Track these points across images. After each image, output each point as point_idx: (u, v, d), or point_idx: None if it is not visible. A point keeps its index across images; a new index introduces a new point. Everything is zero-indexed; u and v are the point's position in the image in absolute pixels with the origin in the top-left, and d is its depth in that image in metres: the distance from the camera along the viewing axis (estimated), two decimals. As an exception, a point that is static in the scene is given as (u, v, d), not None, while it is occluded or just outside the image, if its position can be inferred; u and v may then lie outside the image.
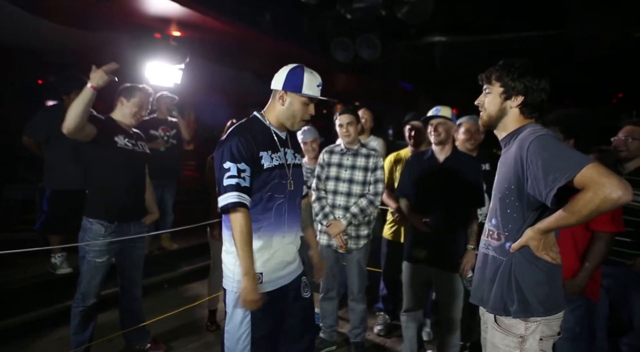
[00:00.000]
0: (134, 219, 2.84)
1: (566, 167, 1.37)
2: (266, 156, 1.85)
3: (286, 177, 1.91)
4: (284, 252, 1.92)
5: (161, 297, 4.15)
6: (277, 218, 1.88)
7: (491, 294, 1.61)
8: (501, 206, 1.61)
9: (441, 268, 2.70)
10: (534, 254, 1.52)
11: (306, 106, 1.91)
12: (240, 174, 1.75)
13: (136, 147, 2.83)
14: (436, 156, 2.76)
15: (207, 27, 5.00)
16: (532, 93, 1.59)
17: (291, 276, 1.98)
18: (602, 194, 1.30)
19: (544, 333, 1.53)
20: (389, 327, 3.63)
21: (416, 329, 2.90)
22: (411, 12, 4.71)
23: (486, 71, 1.69)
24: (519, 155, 1.52)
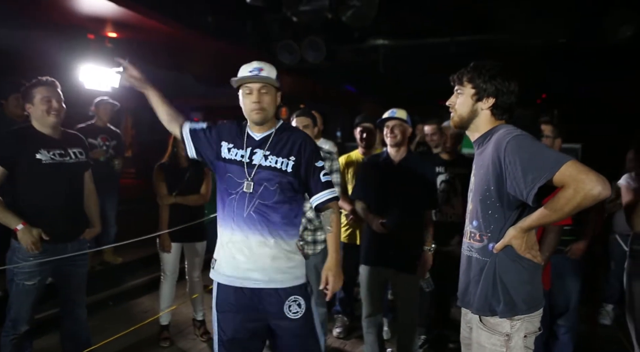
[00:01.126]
0: (70, 237, 2.60)
1: (545, 166, 1.39)
2: (225, 146, 1.93)
3: (243, 176, 1.87)
4: (234, 249, 1.90)
5: (107, 315, 3.89)
6: (227, 213, 1.90)
7: (476, 296, 1.62)
8: (482, 208, 1.61)
9: (399, 269, 2.74)
10: (518, 254, 1.55)
11: (248, 96, 1.87)
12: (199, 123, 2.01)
13: (66, 158, 2.55)
14: (391, 158, 2.80)
15: (146, 29, 4.78)
16: (503, 95, 1.62)
17: (253, 282, 1.88)
18: (583, 191, 1.33)
19: (527, 330, 1.56)
20: (348, 329, 3.65)
21: (377, 333, 2.92)
22: (355, 16, 4.79)
23: (457, 72, 1.71)
24: (496, 156, 1.53)
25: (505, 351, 1.55)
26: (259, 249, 1.89)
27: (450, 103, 1.74)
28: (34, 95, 2.48)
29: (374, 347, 2.93)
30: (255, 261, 1.90)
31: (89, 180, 2.76)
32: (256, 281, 1.89)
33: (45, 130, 2.52)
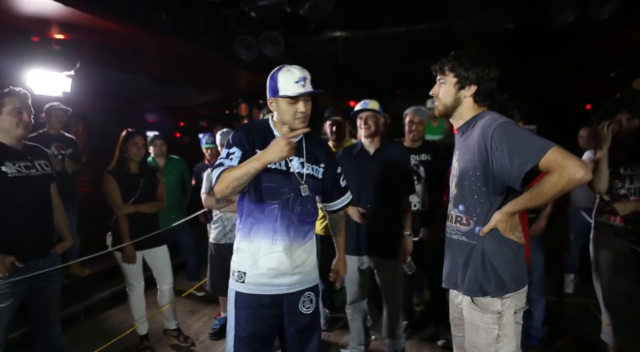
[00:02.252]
0: (42, 253, 2.47)
1: (531, 151, 1.45)
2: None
3: (285, 184, 1.86)
4: (273, 259, 1.86)
5: (80, 330, 3.72)
6: (268, 223, 1.85)
7: (465, 278, 1.67)
8: (468, 193, 1.66)
9: (381, 256, 2.81)
10: (503, 236, 1.61)
11: (292, 105, 1.83)
12: (229, 156, 1.80)
13: (32, 170, 2.43)
14: (366, 149, 2.84)
15: (96, 29, 4.53)
16: (484, 82, 1.68)
17: (287, 288, 1.90)
18: (567, 176, 1.40)
19: (517, 306, 1.64)
20: (330, 321, 3.68)
21: (362, 319, 2.98)
22: (313, 8, 4.77)
23: (438, 62, 1.75)
24: (482, 142, 1.58)
25: (498, 327, 1.62)
26: (302, 255, 1.93)
27: (433, 92, 1.78)
28: (4, 104, 2.34)
29: (359, 333, 2.98)
30: (296, 266, 1.91)
31: (55, 192, 2.64)
32: (291, 286, 1.91)
33: (8, 141, 2.38)
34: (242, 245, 1.91)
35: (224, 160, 1.81)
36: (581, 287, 4.19)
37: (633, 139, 2.46)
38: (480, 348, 1.64)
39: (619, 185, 2.53)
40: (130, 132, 3.21)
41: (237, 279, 1.90)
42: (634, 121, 2.44)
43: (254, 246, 1.87)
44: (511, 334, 1.63)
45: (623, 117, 2.46)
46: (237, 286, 1.91)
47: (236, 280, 1.91)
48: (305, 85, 1.84)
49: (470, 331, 1.68)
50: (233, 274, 1.93)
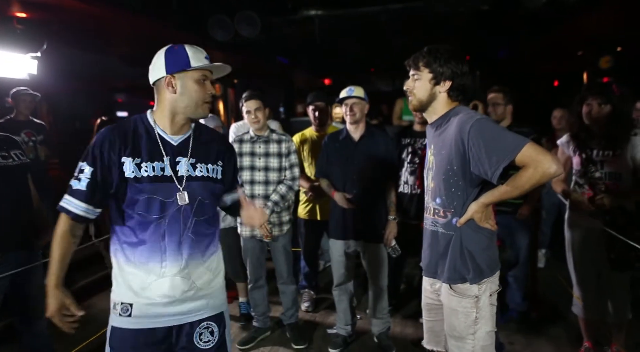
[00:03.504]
0: (23, 246, 2.40)
1: (507, 148, 1.53)
2: (129, 164, 1.49)
3: (170, 192, 1.52)
4: (164, 284, 1.53)
5: (61, 321, 3.66)
6: (154, 242, 1.52)
7: (445, 267, 1.76)
8: (445, 186, 1.73)
9: (367, 240, 2.87)
10: (477, 225, 1.70)
11: (202, 84, 1.55)
12: (78, 174, 1.51)
13: (9, 160, 2.34)
14: (351, 135, 2.87)
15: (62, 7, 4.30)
16: (458, 78, 1.72)
17: (184, 318, 1.58)
18: (541, 170, 1.50)
19: (491, 289, 1.75)
20: (315, 303, 3.76)
21: (348, 300, 3.06)
22: (289, -14, 4.67)
23: (412, 57, 1.77)
24: (459, 138, 1.64)
25: (475, 311, 1.72)
26: (204, 275, 1.62)
27: (407, 87, 1.81)
28: None
29: (346, 314, 3.07)
30: (199, 289, 1.60)
31: (31, 183, 2.54)
32: (188, 314, 1.59)
33: None
34: (125, 271, 1.55)
35: (73, 180, 1.51)
36: (552, 262, 4.43)
37: (604, 124, 2.56)
38: (460, 331, 1.74)
39: (592, 169, 2.64)
40: (104, 121, 3.13)
41: (121, 313, 1.53)
42: (605, 107, 2.53)
43: (141, 271, 1.53)
44: (487, 315, 1.74)
45: (594, 102, 2.54)
46: (119, 322, 1.54)
47: (119, 314, 1.54)
48: (210, 62, 1.59)
49: (450, 316, 1.78)
50: (114, 307, 1.56)
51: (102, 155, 1.50)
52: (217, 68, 1.61)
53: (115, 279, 1.59)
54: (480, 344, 1.72)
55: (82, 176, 1.50)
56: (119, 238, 1.57)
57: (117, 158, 1.50)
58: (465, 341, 1.73)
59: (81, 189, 1.50)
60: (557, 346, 3.03)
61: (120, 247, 1.56)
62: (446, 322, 1.81)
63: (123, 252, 1.56)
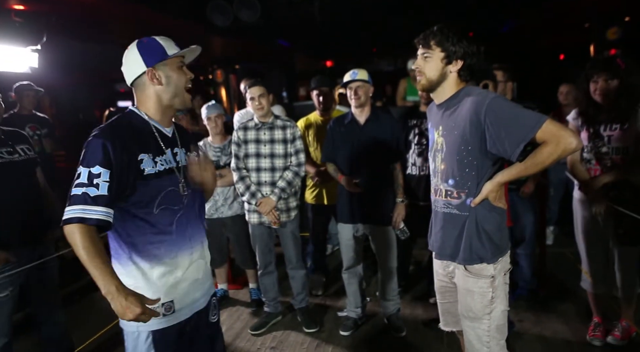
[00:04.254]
0: (35, 241, 2.44)
1: (527, 125, 1.52)
2: (147, 160, 1.47)
3: (177, 182, 1.57)
4: (194, 270, 1.60)
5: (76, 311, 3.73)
6: (180, 233, 1.55)
7: (460, 248, 1.74)
8: (459, 167, 1.70)
9: (375, 223, 2.88)
10: (491, 204, 1.69)
11: (182, 70, 1.56)
12: (92, 180, 1.35)
13: (15, 155, 2.37)
14: (357, 119, 2.85)
15: None
16: (469, 57, 1.69)
17: (206, 298, 1.69)
18: (563, 145, 1.49)
19: (504, 268, 1.76)
20: (324, 286, 3.80)
21: (358, 283, 3.09)
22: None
23: (422, 35, 1.73)
24: (475, 117, 1.61)
25: (491, 290, 1.73)
26: (208, 255, 1.71)
27: (417, 66, 1.76)
28: None
29: (356, 296, 3.11)
30: (206, 269, 1.68)
31: (42, 177, 2.57)
32: (208, 293, 1.69)
33: None
34: (154, 274, 1.50)
35: (88, 188, 1.34)
36: (560, 238, 4.42)
37: (611, 99, 2.52)
38: (476, 311, 1.75)
39: (599, 143, 2.62)
40: (112, 112, 3.13)
41: (165, 312, 1.52)
42: (612, 82, 2.49)
43: (172, 266, 1.53)
44: (502, 294, 1.75)
45: (600, 79, 2.50)
46: (163, 322, 1.52)
47: (163, 314, 1.52)
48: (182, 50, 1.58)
49: (465, 297, 1.78)
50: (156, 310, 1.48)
51: (115, 155, 1.39)
52: (190, 51, 1.60)
53: (140, 289, 1.42)
54: (496, 324, 1.74)
55: (100, 181, 1.36)
56: (136, 245, 1.48)
57: (132, 156, 1.44)
58: (482, 321, 1.74)
59: (103, 194, 1.35)
60: (567, 322, 3.05)
61: (142, 253, 1.49)
62: (461, 303, 1.81)
63: (147, 255, 1.49)
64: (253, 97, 2.91)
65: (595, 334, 2.77)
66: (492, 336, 1.74)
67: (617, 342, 2.71)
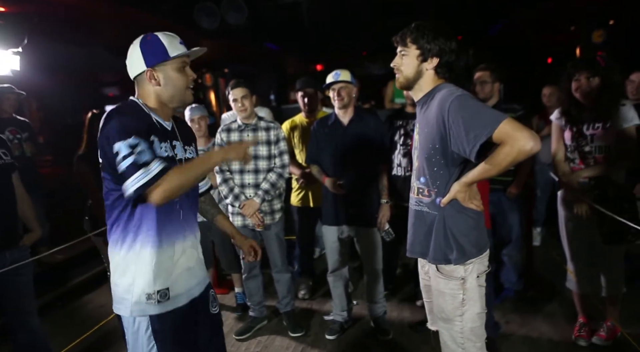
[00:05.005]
0: (7, 245, 2.38)
1: (485, 124, 1.48)
2: (157, 142, 1.50)
3: None
4: (186, 258, 1.63)
5: (59, 317, 3.67)
6: (176, 221, 1.59)
7: (430, 247, 1.74)
8: (428, 165, 1.71)
9: (360, 225, 2.86)
10: (462, 205, 1.67)
11: (183, 71, 1.56)
12: (135, 150, 1.39)
13: None
14: (340, 120, 2.83)
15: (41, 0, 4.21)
16: (446, 54, 1.67)
17: (200, 287, 1.70)
18: (518, 147, 1.44)
19: (479, 271, 1.73)
20: (311, 290, 3.76)
21: (344, 286, 3.05)
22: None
23: (400, 33, 1.73)
24: (440, 115, 1.60)
25: (462, 293, 1.70)
26: (199, 245, 1.73)
27: (395, 64, 1.76)
28: None
29: (341, 299, 3.07)
30: (198, 259, 1.71)
31: (18, 183, 2.51)
32: (201, 284, 1.71)
33: None
34: (153, 260, 1.53)
35: (136, 156, 1.39)
36: (548, 240, 4.43)
37: (593, 97, 2.53)
38: (448, 313, 1.74)
39: (582, 142, 2.62)
40: (95, 114, 3.07)
41: (160, 299, 1.53)
42: (593, 80, 2.50)
43: (168, 253, 1.56)
44: (475, 296, 1.71)
45: (582, 77, 2.51)
46: (159, 308, 1.53)
47: (158, 301, 1.53)
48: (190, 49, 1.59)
49: (438, 297, 1.77)
50: (149, 297, 1.52)
51: (139, 129, 1.43)
52: (194, 53, 1.60)
53: (141, 274, 1.51)
54: (469, 326, 1.71)
55: (144, 149, 1.40)
56: (141, 229, 1.51)
57: (147, 135, 1.46)
58: (454, 322, 1.73)
59: (150, 158, 1.40)
60: (553, 323, 3.04)
61: (146, 237, 1.51)
62: (435, 304, 1.81)
63: (149, 241, 1.51)
64: (236, 98, 2.87)
65: (580, 335, 2.77)
66: (467, 337, 1.72)
67: (602, 343, 2.70)
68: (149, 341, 1.54)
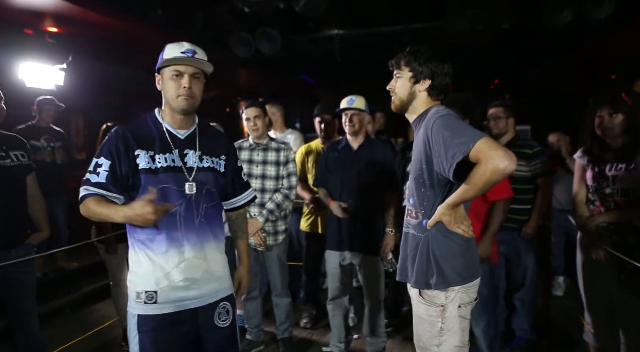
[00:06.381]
0: (13, 243, 2.45)
1: (463, 142, 1.47)
2: (144, 156, 1.59)
3: (181, 182, 1.63)
4: (185, 268, 1.62)
5: (64, 323, 3.72)
6: (171, 230, 1.61)
7: (413, 270, 1.70)
8: (416, 186, 1.70)
9: (363, 252, 2.78)
10: (448, 229, 1.62)
11: (177, 79, 1.61)
12: (96, 169, 1.58)
13: (7, 161, 2.41)
14: (350, 144, 2.83)
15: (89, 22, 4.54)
16: (438, 77, 1.70)
17: (203, 300, 1.68)
18: (492, 166, 1.41)
19: (462, 300, 1.64)
20: (314, 319, 3.65)
21: (343, 316, 2.95)
22: (308, 5, 4.75)
23: (395, 57, 1.77)
24: (425, 135, 1.62)
25: (441, 320, 1.64)
26: (217, 256, 1.74)
27: (390, 87, 1.81)
28: None
29: (340, 330, 2.95)
30: (212, 271, 1.71)
31: (33, 183, 2.61)
32: (207, 296, 1.70)
33: None
34: (145, 262, 1.62)
35: (90, 175, 1.57)
36: (572, 290, 4.13)
37: (617, 136, 2.41)
38: (425, 340, 1.67)
39: (603, 184, 2.48)
40: (108, 127, 3.21)
41: (147, 301, 1.60)
42: (616, 116, 2.39)
43: (162, 260, 1.61)
44: (455, 327, 1.63)
45: (605, 113, 2.41)
46: (145, 309, 1.61)
47: (144, 302, 1.60)
48: (194, 57, 1.63)
49: (417, 324, 1.72)
50: (138, 296, 1.61)
51: (117, 149, 1.59)
52: (195, 62, 1.63)
53: (135, 271, 1.65)
54: None
55: (100, 170, 1.57)
56: (135, 232, 1.63)
57: (131, 151, 1.60)
58: None
59: (101, 181, 1.57)
60: (567, 378, 2.79)
61: (139, 241, 1.64)
62: (414, 330, 1.73)
63: (142, 245, 1.63)
64: (249, 117, 2.94)
65: (595, 394, 2.52)
66: None
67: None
68: (134, 338, 1.62)
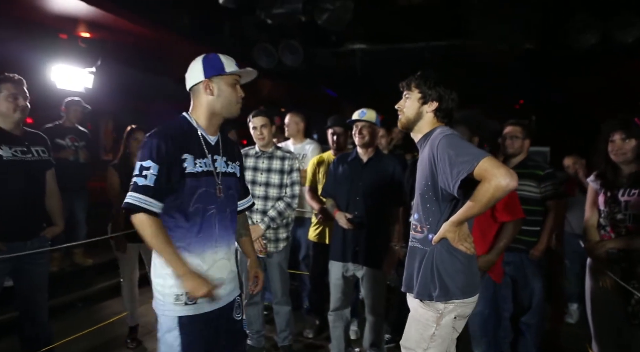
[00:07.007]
0: (29, 235, 2.54)
1: (467, 160, 1.55)
2: (190, 160, 1.66)
3: (214, 185, 1.73)
4: (217, 268, 1.74)
5: (74, 317, 3.83)
6: (208, 231, 1.70)
7: (418, 282, 1.77)
8: (421, 202, 1.78)
9: (366, 265, 2.78)
10: (452, 246, 1.70)
11: (234, 87, 1.75)
12: (142, 172, 1.59)
13: (28, 155, 2.52)
14: (360, 157, 2.86)
15: (120, 29, 4.76)
16: (445, 101, 1.81)
17: (229, 297, 1.81)
18: (495, 183, 1.49)
19: (458, 313, 1.72)
20: (318, 329, 3.64)
21: (344, 328, 2.94)
22: (331, 19, 4.84)
23: (406, 79, 1.88)
24: (430, 154, 1.71)
25: (435, 326, 1.72)
26: (232, 257, 1.84)
27: (399, 106, 1.91)
28: (0, 90, 2.45)
29: (339, 342, 2.94)
30: (232, 271, 1.83)
31: (52, 179, 2.72)
32: (230, 294, 1.82)
33: (7, 126, 2.49)
34: (190, 259, 1.69)
35: (138, 178, 1.59)
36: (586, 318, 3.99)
37: (631, 161, 2.36)
38: (413, 342, 1.75)
39: (615, 209, 2.43)
40: (133, 129, 3.33)
41: (187, 302, 1.67)
42: (629, 141, 2.35)
43: (199, 259, 1.69)
44: (445, 336, 1.71)
45: (617, 137, 2.37)
46: (187, 310, 1.68)
47: (185, 303, 1.67)
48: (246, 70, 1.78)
49: (410, 325, 1.79)
50: (177, 298, 1.67)
51: (166, 152, 1.61)
52: (246, 73, 1.80)
53: (171, 274, 1.64)
54: None
55: (148, 173, 1.58)
56: (174, 234, 1.66)
57: (179, 154, 1.64)
58: None
59: (149, 185, 1.58)
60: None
61: (178, 244, 1.66)
62: (404, 331, 1.81)
63: (181, 247, 1.66)
64: (255, 126, 3.00)
65: None
66: None
67: None
68: (176, 339, 1.66)
